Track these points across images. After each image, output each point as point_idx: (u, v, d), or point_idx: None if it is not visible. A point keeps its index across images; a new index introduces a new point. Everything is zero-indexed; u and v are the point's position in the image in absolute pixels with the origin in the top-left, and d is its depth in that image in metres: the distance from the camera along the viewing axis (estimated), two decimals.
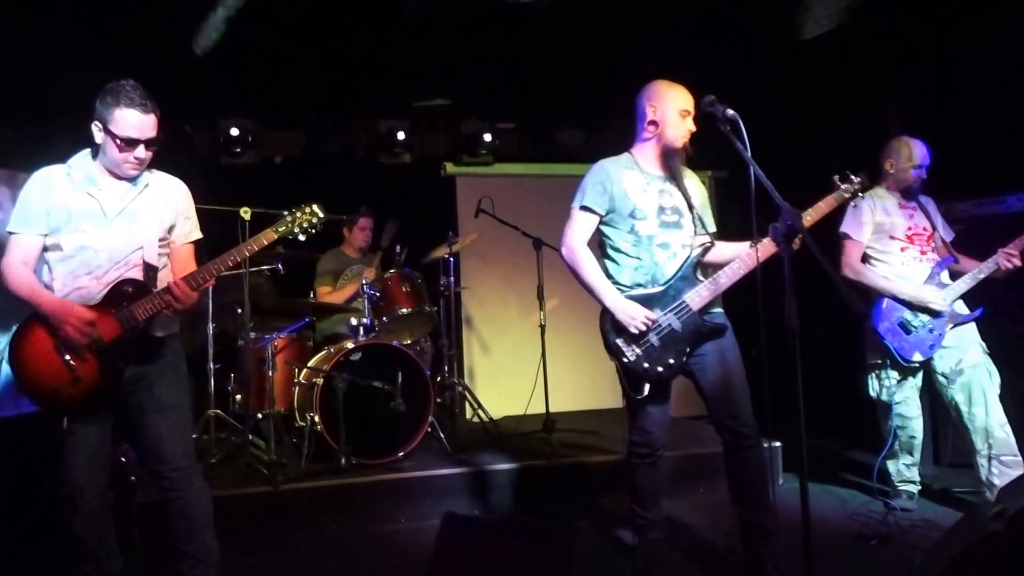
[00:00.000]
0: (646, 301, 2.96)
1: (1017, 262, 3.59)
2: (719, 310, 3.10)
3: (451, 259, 5.11)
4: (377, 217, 5.39)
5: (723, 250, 3.10)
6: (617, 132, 6.24)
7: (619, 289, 3.02)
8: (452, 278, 5.12)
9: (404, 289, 4.74)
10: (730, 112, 2.63)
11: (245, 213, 4.19)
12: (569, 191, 3.23)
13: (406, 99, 5.93)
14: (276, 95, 5.64)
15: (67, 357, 2.59)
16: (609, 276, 3.09)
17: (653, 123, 3.06)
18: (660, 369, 2.93)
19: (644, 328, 2.90)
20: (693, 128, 3.05)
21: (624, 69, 5.24)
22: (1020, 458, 3.53)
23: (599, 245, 3.18)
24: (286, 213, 2.87)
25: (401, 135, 5.81)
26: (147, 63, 4.11)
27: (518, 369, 5.88)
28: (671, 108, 3.02)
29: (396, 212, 5.67)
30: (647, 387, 2.94)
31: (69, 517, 2.68)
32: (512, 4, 4.30)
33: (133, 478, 3.89)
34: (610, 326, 2.98)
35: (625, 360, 2.95)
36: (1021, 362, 3.94)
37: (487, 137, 5.96)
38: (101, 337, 2.60)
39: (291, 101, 5.79)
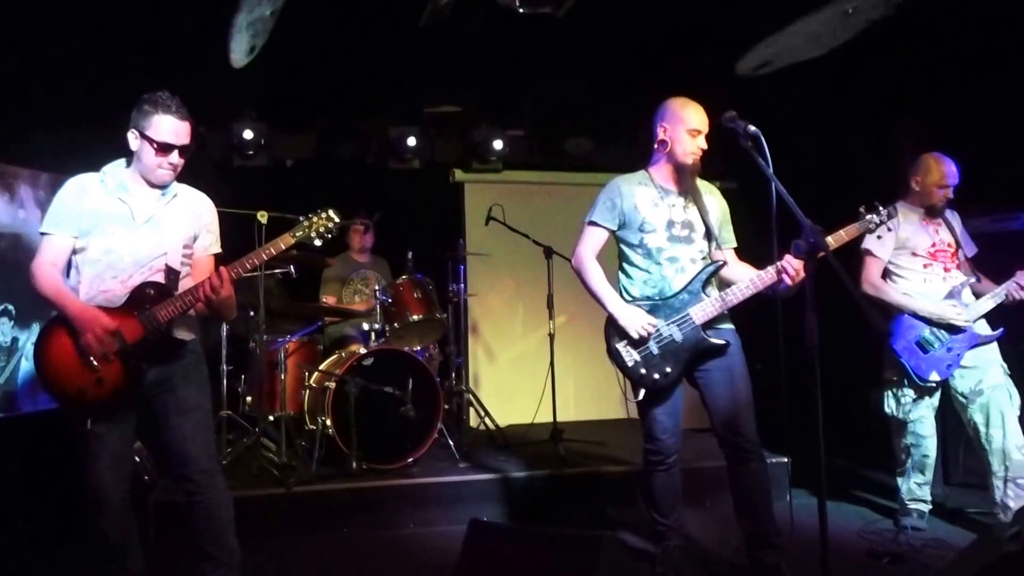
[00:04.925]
0: (651, 311, 3.07)
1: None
2: (729, 326, 3.14)
3: (461, 266, 5.12)
4: (379, 223, 5.41)
5: (738, 270, 3.16)
6: (626, 142, 6.35)
7: (629, 301, 3.12)
8: (462, 285, 5.12)
9: (416, 295, 4.75)
10: (752, 128, 2.66)
11: (262, 217, 4.22)
12: (577, 199, 3.27)
13: (417, 105, 5.94)
14: (288, 98, 5.65)
15: (91, 359, 2.60)
16: (622, 289, 3.19)
17: (663, 142, 3.13)
18: (656, 377, 3.03)
19: (645, 333, 3.00)
20: (704, 146, 3.10)
21: (633, 80, 5.31)
22: None
23: (617, 259, 3.25)
24: (302, 218, 2.89)
25: (412, 141, 5.80)
26: (161, 66, 4.14)
27: (524, 378, 5.90)
28: (680, 127, 3.09)
29: (404, 217, 5.70)
30: (643, 392, 3.07)
31: (95, 518, 2.71)
32: (528, 14, 4.32)
33: (146, 478, 3.92)
34: (613, 331, 3.10)
35: (623, 365, 3.07)
36: None
37: (497, 144, 5.95)
38: (124, 339, 2.62)
39: (303, 105, 5.79)
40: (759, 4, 4.25)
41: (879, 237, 3.63)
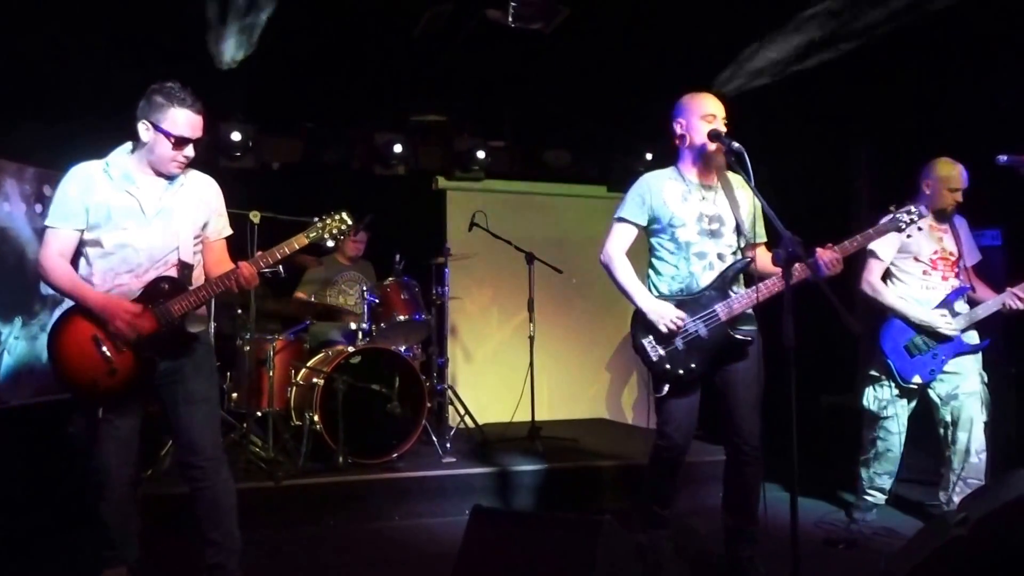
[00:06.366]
0: (678, 307, 3.10)
1: (1021, 305, 3.68)
2: (753, 327, 3.19)
3: (446, 269, 5.29)
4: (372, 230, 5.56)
5: (768, 260, 3.18)
6: (603, 155, 6.58)
7: (657, 297, 3.16)
8: (447, 288, 5.29)
9: (402, 297, 4.92)
10: (736, 145, 2.78)
11: (255, 217, 4.34)
12: (554, 209, 3.33)
13: (402, 113, 6.10)
14: (276, 102, 5.74)
15: (104, 349, 2.67)
16: (650, 285, 3.23)
17: (682, 137, 3.18)
18: (680, 372, 3.08)
19: (673, 327, 3.05)
20: (723, 128, 3.09)
21: (611, 96, 5.54)
22: (984, 483, 3.74)
23: (647, 253, 3.32)
24: (316, 220, 2.99)
25: (397, 148, 5.95)
26: (151, 63, 4.21)
27: (500, 378, 6.09)
28: (694, 116, 3.13)
29: (389, 222, 5.84)
30: (666, 387, 3.11)
31: (96, 503, 2.77)
32: (517, 29, 4.51)
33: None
34: (640, 326, 3.14)
35: (648, 360, 3.12)
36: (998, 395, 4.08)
37: (480, 154, 6.14)
38: (139, 332, 2.69)
39: (291, 109, 5.90)
40: (737, 22, 4.45)
41: (908, 236, 3.71)
